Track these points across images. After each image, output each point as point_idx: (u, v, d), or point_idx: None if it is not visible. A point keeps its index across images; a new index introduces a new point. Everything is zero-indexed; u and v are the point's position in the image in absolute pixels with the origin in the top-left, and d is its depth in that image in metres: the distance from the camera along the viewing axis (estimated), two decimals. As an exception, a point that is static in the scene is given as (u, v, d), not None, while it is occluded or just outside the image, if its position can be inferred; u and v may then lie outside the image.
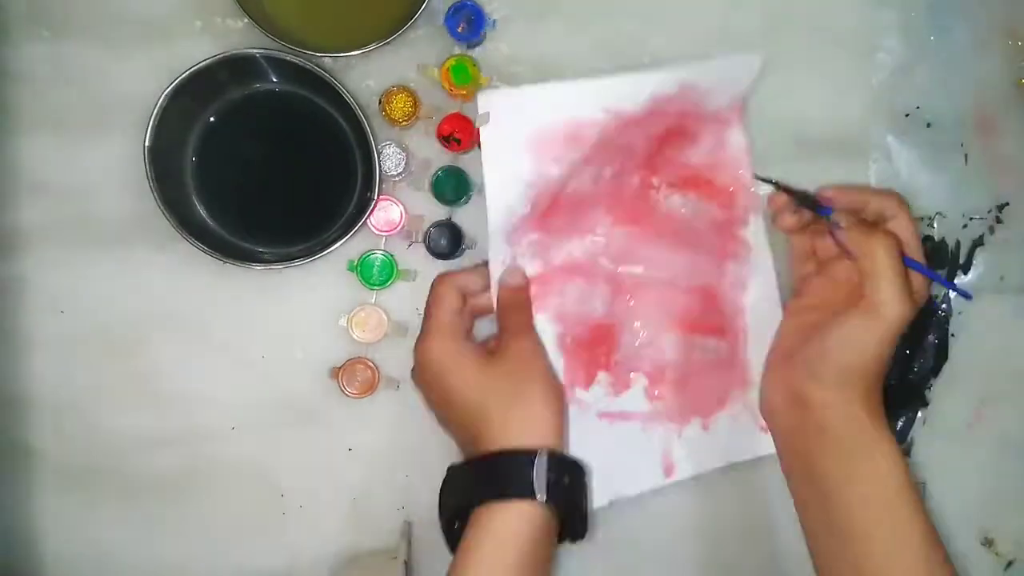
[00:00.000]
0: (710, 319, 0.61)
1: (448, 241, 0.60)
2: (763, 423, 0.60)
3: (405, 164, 0.59)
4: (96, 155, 0.60)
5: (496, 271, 0.56)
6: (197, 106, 0.58)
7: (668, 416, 0.61)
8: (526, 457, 0.50)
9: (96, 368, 0.60)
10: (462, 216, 0.61)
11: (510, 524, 0.48)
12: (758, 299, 0.61)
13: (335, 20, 0.60)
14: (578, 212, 0.59)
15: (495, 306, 0.56)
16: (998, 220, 0.64)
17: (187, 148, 0.59)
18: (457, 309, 0.54)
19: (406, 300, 0.61)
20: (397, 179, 0.59)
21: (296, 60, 0.55)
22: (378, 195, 0.57)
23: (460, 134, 0.59)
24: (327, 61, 0.58)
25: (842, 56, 0.63)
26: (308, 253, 0.56)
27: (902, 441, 0.64)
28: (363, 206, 0.57)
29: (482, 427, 0.51)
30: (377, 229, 0.59)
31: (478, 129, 0.55)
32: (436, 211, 0.61)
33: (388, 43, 0.56)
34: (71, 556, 0.61)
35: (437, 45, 0.60)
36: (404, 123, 0.59)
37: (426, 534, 0.61)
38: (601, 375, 0.60)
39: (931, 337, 0.64)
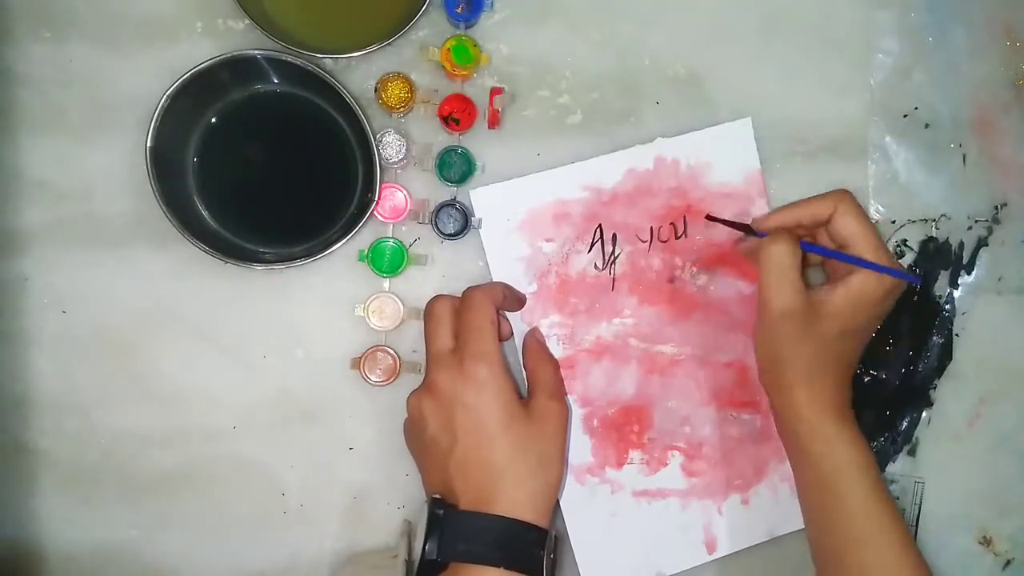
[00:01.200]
0: (743, 393, 0.62)
1: (455, 221, 0.60)
2: None
3: (406, 151, 0.59)
4: (98, 155, 0.60)
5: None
6: (198, 107, 0.58)
7: (707, 492, 0.62)
8: (539, 534, 0.51)
9: (97, 368, 0.60)
10: (467, 195, 0.61)
11: None
12: None
13: (336, 21, 0.60)
14: (598, 293, 0.61)
15: (522, 356, 0.59)
16: (996, 220, 0.64)
17: (188, 149, 0.59)
18: (496, 327, 0.55)
19: (418, 286, 0.61)
20: (398, 166, 0.60)
21: (297, 61, 0.55)
22: (380, 190, 0.57)
23: (459, 114, 0.59)
24: (328, 62, 0.59)
25: (840, 57, 0.63)
26: (309, 253, 0.56)
27: (907, 441, 0.64)
28: (364, 206, 0.57)
29: (494, 481, 0.51)
30: (383, 217, 0.60)
31: (495, 110, 0.59)
32: (442, 193, 0.61)
33: (389, 44, 0.56)
34: (72, 555, 0.61)
35: (436, 28, 0.60)
36: (400, 109, 0.59)
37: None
38: (634, 454, 0.62)
39: (935, 337, 0.64)
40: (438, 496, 0.52)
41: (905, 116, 0.63)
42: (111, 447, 0.61)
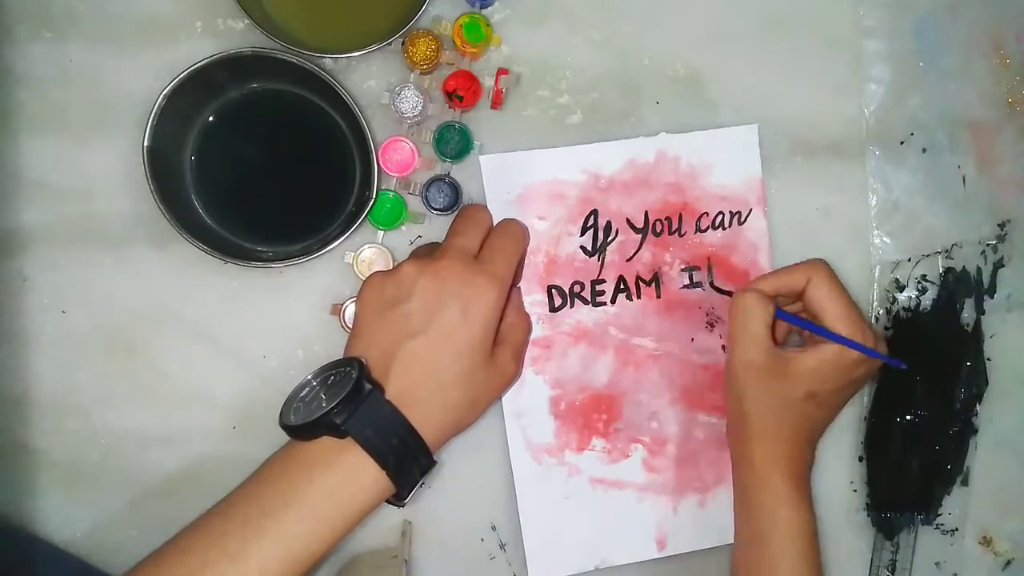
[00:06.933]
0: (715, 396, 0.62)
1: (446, 196, 0.60)
2: None
3: (422, 107, 0.59)
4: (97, 155, 0.60)
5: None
6: (196, 106, 0.58)
7: (665, 489, 0.62)
8: (428, 460, 0.50)
9: (97, 368, 0.60)
10: (461, 172, 0.61)
11: (370, 493, 0.48)
12: None
13: (336, 21, 0.60)
14: (584, 278, 0.61)
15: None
16: (1001, 240, 0.64)
17: (186, 148, 0.59)
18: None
19: (413, 245, 0.61)
20: (412, 121, 0.59)
21: (294, 60, 0.55)
22: (387, 144, 0.58)
23: (463, 91, 0.59)
24: (328, 62, 0.59)
25: (840, 57, 0.63)
26: (307, 251, 0.56)
27: (958, 471, 0.64)
28: (361, 204, 0.57)
29: (430, 391, 0.49)
30: (388, 170, 0.59)
31: (499, 90, 0.59)
32: (438, 167, 0.61)
33: (389, 44, 0.56)
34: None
35: (453, 4, 0.60)
36: (425, 67, 0.59)
37: (427, 533, 0.61)
38: (597, 441, 0.62)
39: (968, 365, 0.64)
40: (378, 389, 0.49)
41: (902, 143, 0.63)
42: (111, 447, 0.61)
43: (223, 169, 0.60)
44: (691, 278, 0.62)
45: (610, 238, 0.61)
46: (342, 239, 0.56)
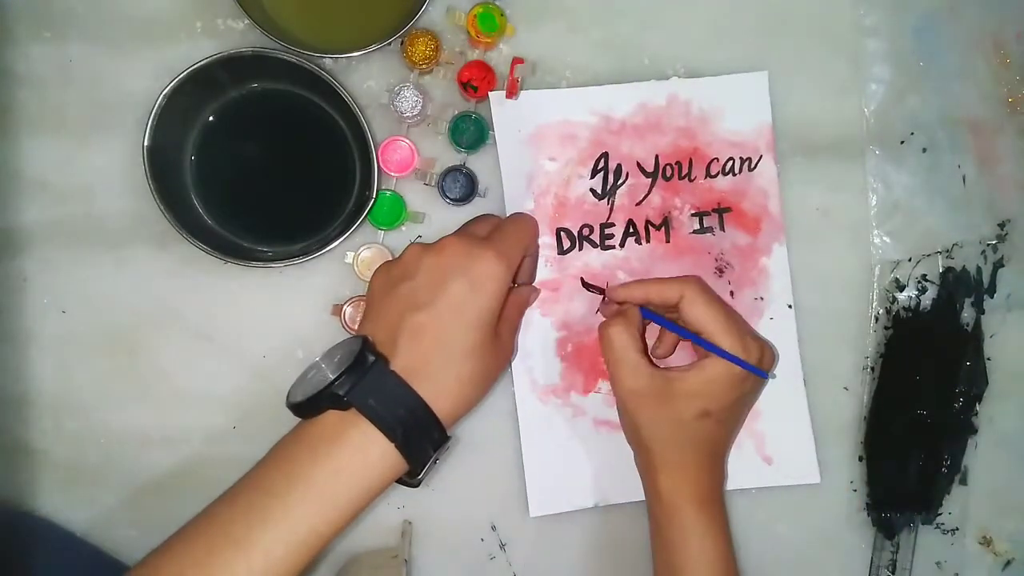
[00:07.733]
0: None
1: (461, 187, 0.60)
2: (766, 453, 0.62)
3: (421, 107, 0.59)
4: (97, 155, 0.60)
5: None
6: (196, 105, 0.58)
7: None
8: (441, 435, 0.49)
9: (97, 367, 0.60)
10: (477, 163, 0.61)
11: (378, 469, 0.47)
12: (773, 327, 0.62)
13: (335, 21, 0.60)
14: (593, 220, 0.61)
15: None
16: (1001, 239, 0.64)
17: (186, 147, 0.59)
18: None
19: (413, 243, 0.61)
20: (412, 121, 0.59)
21: (294, 60, 0.55)
22: (387, 143, 0.59)
23: (478, 82, 0.59)
24: (328, 62, 0.59)
25: (840, 57, 0.63)
26: (307, 251, 0.56)
27: (956, 471, 0.64)
28: (361, 204, 0.57)
29: (441, 363, 0.48)
30: (388, 170, 0.59)
31: (515, 79, 0.59)
32: (453, 157, 0.61)
33: (388, 44, 0.56)
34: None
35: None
36: (424, 66, 0.59)
37: (427, 533, 0.61)
38: (603, 384, 0.62)
39: (968, 364, 0.63)
40: (382, 361, 0.48)
41: (902, 143, 0.63)
42: (111, 447, 0.61)
43: (223, 169, 0.60)
44: (701, 223, 0.62)
45: (620, 181, 0.61)
46: (342, 239, 0.56)
